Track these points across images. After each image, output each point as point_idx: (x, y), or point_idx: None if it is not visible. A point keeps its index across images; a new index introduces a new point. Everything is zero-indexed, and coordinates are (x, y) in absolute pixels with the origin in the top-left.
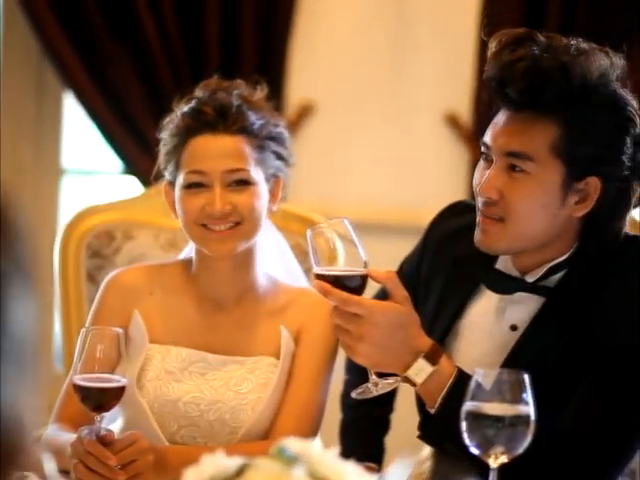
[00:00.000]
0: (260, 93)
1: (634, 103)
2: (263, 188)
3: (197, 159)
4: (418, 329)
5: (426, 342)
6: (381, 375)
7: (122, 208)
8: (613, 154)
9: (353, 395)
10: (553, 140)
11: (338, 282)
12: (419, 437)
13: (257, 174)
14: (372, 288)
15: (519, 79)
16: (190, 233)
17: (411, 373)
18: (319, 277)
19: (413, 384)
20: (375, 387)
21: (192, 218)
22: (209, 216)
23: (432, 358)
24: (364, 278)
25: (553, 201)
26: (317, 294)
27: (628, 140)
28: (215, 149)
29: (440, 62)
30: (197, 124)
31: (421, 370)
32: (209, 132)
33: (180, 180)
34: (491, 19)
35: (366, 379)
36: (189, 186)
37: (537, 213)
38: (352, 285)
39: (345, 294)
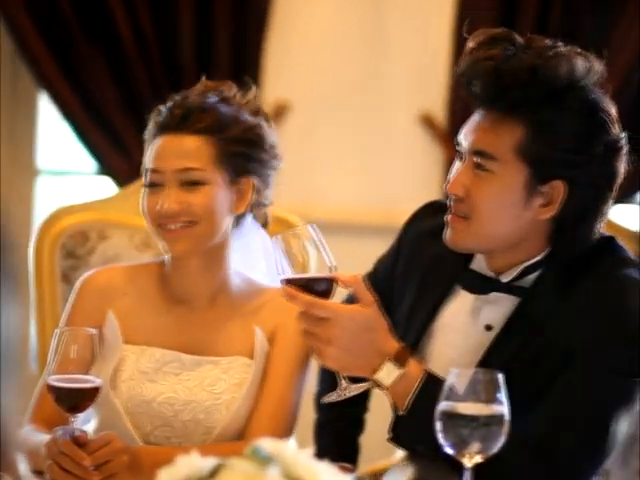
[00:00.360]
0: (249, 95)
1: (611, 109)
2: (223, 189)
3: (155, 158)
4: (386, 332)
5: (394, 345)
6: (352, 379)
7: (96, 208)
8: (580, 159)
9: (324, 400)
10: (518, 141)
11: (305, 287)
12: (389, 440)
13: (216, 174)
14: (342, 294)
15: (484, 77)
16: (152, 232)
17: (379, 376)
18: (286, 282)
19: (383, 387)
20: (345, 391)
21: (150, 217)
22: (161, 215)
23: (400, 361)
24: (331, 283)
25: (516, 202)
26: None
27: (598, 146)
28: (171, 148)
29: (415, 62)
30: (163, 124)
31: (389, 373)
32: (172, 132)
33: (143, 179)
34: (468, 18)
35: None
36: (147, 185)
37: (500, 213)
38: (319, 290)
39: (310, 297)
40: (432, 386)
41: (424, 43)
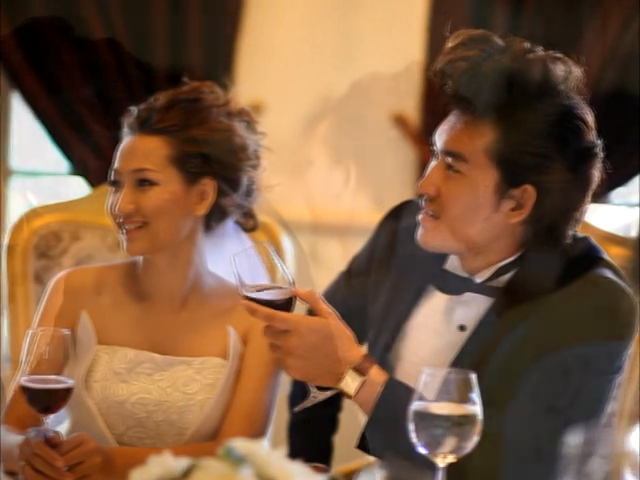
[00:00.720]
0: (227, 96)
1: (587, 116)
2: (179, 189)
3: (117, 159)
4: (349, 341)
5: (357, 354)
6: (321, 387)
7: (69, 209)
8: (553, 165)
9: (295, 410)
10: (490, 144)
11: (265, 302)
12: (357, 447)
13: (171, 175)
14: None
15: (459, 78)
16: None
17: (343, 385)
18: (247, 298)
19: (348, 396)
20: (312, 399)
21: (110, 217)
22: (116, 215)
23: (362, 369)
24: (290, 298)
25: (486, 205)
26: None
27: (572, 153)
28: (129, 149)
29: (389, 62)
30: (129, 125)
31: (352, 381)
32: (136, 133)
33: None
34: (445, 19)
35: None
36: (110, 185)
37: (468, 214)
38: (279, 304)
39: (270, 310)
40: (395, 392)
41: (397, 43)
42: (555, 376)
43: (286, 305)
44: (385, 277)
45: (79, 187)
